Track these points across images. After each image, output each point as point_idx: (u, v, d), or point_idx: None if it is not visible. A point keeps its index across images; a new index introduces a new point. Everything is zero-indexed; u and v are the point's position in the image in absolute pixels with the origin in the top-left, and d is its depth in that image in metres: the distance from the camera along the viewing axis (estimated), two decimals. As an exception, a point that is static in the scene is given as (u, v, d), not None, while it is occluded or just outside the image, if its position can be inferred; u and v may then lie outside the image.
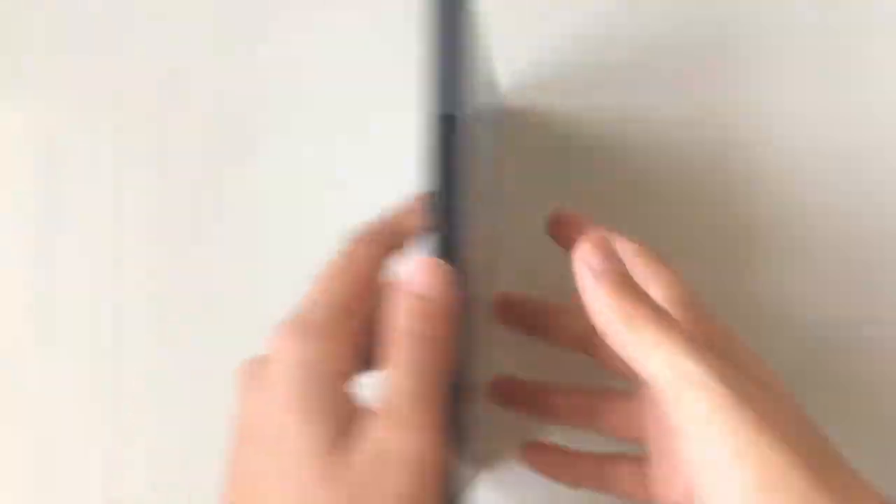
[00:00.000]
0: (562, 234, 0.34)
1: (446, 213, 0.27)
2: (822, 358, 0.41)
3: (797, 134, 0.43)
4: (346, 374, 0.27)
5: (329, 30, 0.46)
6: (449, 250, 0.27)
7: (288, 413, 0.26)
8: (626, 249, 0.31)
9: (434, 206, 0.27)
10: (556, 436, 0.39)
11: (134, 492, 0.44)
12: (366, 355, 0.29)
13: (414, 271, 0.27)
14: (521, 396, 0.38)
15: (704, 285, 0.33)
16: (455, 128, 0.27)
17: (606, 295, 0.26)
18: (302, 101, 0.46)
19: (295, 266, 0.38)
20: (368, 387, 0.28)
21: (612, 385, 0.35)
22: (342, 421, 0.25)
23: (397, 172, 0.36)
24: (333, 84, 0.46)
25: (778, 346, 0.40)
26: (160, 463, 0.44)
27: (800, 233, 0.42)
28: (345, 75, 0.45)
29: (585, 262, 0.27)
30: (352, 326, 0.28)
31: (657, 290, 0.30)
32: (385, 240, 0.30)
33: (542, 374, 0.39)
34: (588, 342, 0.35)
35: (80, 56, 0.47)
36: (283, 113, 0.46)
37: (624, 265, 0.27)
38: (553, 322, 0.36)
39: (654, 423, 0.32)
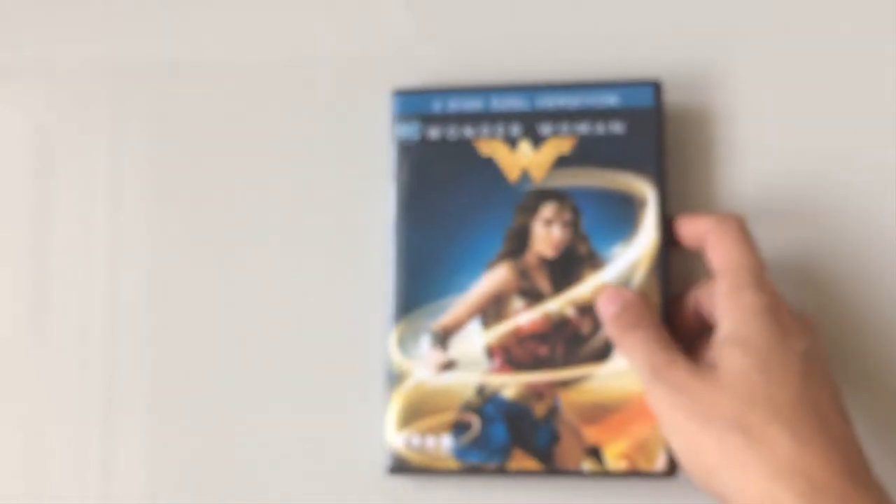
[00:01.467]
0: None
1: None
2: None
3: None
4: None
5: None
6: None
7: None
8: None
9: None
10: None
11: (132, 492, 0.44)
12: None
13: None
14: None
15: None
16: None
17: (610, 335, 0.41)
18: (298, 104, 0.46)
19: (293, 262, 0.39)
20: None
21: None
22: None
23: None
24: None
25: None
26: (158, 463, 0.43)
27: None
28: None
29: (600, 304, 0.41)
30: None
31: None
32: None
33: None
34: None
35: (75, 47, 0.48)
36: (283, 110, 0.46)
37: (632, 309, 0.40)
38: None
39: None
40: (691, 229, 0.40)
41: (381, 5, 0.47)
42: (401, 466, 0.41)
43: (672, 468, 0.40)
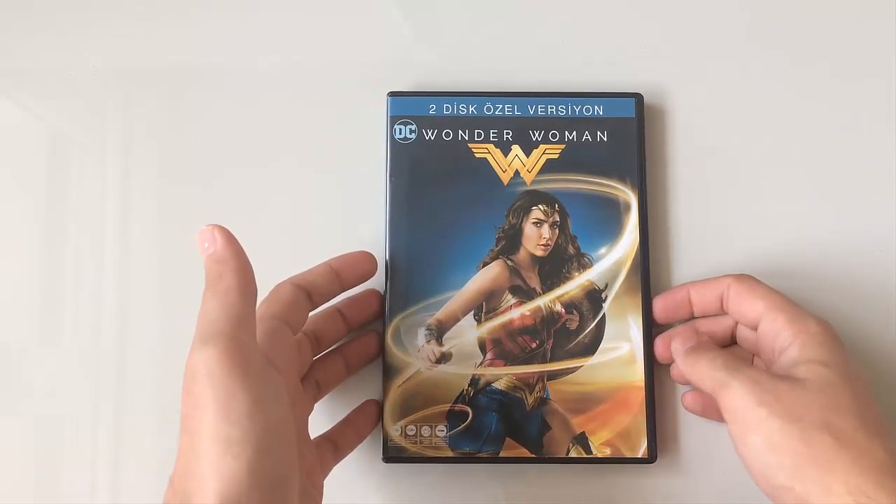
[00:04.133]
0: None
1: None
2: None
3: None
4: None
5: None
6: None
7: None
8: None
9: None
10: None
11: (142, 490, 0.44)
12: None
13: None
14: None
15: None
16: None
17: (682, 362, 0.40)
18: (300, 108, 0.47)
19: (296, 261, 0.39)
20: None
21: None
22: None
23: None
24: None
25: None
26: (168, 461, 0.43)
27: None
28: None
29: (675, 343, 0.41)
30: None
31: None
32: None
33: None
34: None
35: (88, 55, 0.48)
36: (286, 114, 0.47)
37: (698, 343, 0.40)
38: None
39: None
40: (705, 290, 0.42)
41: (381, 13, 0.48)
42: (397, 455, 0.42)
43: (653, 455, 0.42)
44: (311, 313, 0.40)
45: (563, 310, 0.43)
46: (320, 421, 0.42)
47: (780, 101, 0.47)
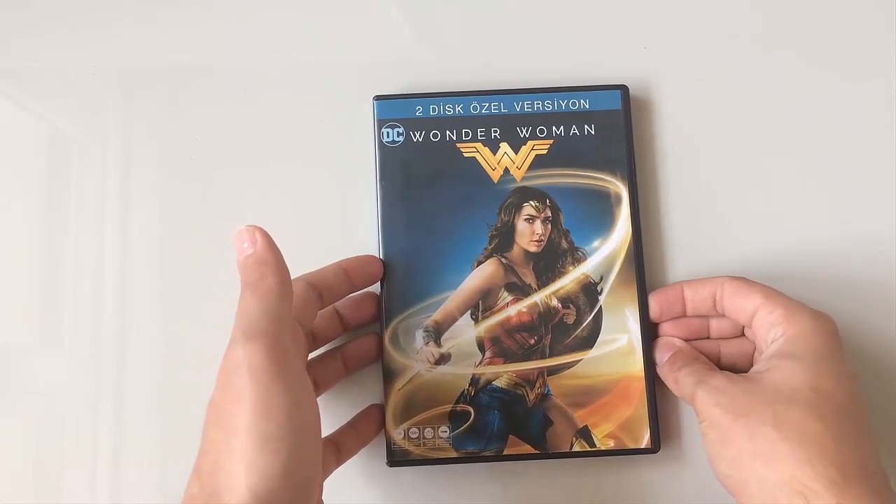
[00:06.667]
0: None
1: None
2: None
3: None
4: None
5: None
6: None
7: None
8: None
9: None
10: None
11: (143, 490, 0.43)
12: None
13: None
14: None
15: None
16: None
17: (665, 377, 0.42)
18: (296, 109, 0.47)
19: (302, 261, 0.39)
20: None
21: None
22: None
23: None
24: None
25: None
26: (168, 460, 0.43)
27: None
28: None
29: (657, 354, 0.42)
30: None
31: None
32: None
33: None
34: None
35: (87, 55, 0.47)
36: (282, 114, 0.47)
37: (683, 353, 0.41)
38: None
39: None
40: (699, 288, 0.41)
41: (374, 16, 0.48)
42: (401, 458, 0.42)
43: (656, 445, 0.42)
44: None
45: (560, 304, 0.43)
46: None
47: (772, 92, 0.47)
